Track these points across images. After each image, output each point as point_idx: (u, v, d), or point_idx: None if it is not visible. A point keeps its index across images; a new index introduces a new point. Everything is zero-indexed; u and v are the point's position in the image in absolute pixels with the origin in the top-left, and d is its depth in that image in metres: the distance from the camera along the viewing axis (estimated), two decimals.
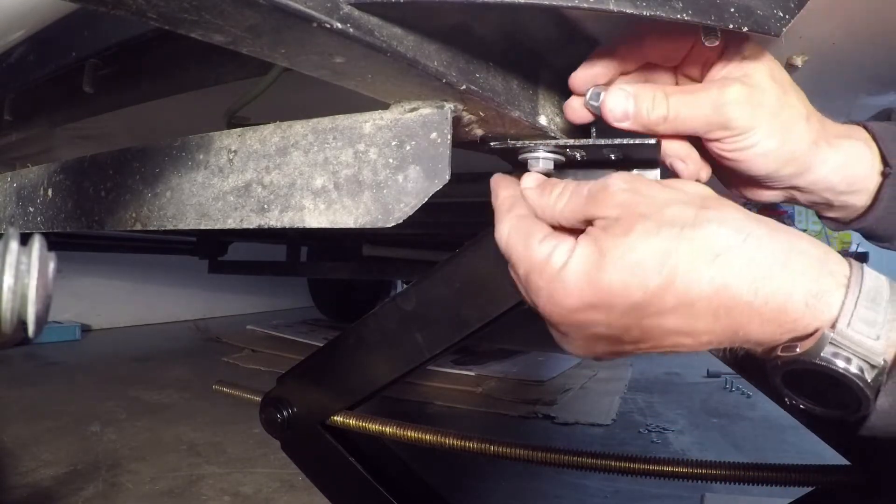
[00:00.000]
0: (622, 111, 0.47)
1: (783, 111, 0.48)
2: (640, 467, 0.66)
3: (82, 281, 3.26)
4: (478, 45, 0.44)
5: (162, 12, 0.30)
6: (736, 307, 0.38)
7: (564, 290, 0.41)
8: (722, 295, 0.38)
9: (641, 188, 0.42)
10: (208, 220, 0.49)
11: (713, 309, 0.39)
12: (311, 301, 3.97)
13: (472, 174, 1.36)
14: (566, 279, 0.41)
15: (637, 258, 0.39)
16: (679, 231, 0.39)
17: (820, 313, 0.38)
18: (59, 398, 2.08)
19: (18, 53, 0.72)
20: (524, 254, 0.44)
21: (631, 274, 0.39)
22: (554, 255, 0.42)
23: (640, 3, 0.36)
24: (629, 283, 0.39)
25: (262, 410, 0.80)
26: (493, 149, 0.51)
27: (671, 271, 0.38)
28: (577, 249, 0.41)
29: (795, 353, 0.38)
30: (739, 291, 0.38)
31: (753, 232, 0.39)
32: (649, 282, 0.39)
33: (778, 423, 2.02)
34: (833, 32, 0.60)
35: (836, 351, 0.37)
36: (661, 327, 0.40)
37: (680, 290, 0.39)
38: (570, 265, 0.41)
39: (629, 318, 0.40)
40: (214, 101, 0.75)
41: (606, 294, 0.40)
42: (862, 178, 0.52)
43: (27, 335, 0.30)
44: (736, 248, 0.38)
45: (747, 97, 0.46)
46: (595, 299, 0.40)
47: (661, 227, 0.39)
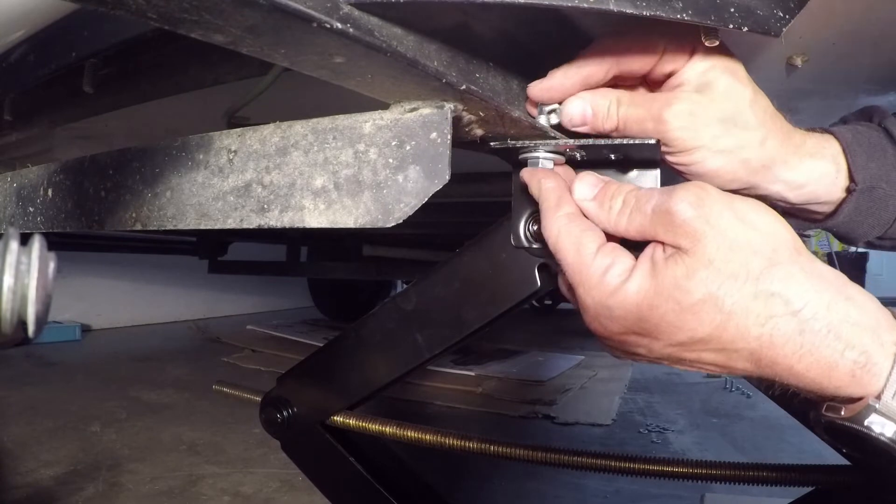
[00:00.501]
0: (580, 116, 0.48)
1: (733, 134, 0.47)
2: (640, 467, 0.66)
3: (82, 281, 3.26)
4: (478, 45, 0.44)
5: (162, 12, 0.30)
6: (778, 365, 0.39)
7: (611, 316, 0.42)
8: (767, 352, 0.39)
9: (713, 218, 0.40)
10: (208, 220, 0.49)
11: (755, 359, 0.40)
12: (311, 301, 3.97)
13: (472, 174, 1.36)
14: (616, 305, 0.41)
15: (691, 304, 0.39)
16: (741, 286, 0.39)
17: (866, 384, 0.38)
18: (59, 398, 2.08)
19: (18, 53, 0.72)
20: (576, 263, 0.43)
21: (682, 320, 0.40)
22: (608, 275, 0.42)
23: (640, 3, 0.36)
24: (680, 327, 0.40)
25: (262, 410, 0.80)
26: (493, 149, 0.51)
27: (723, 323, 0.39)
28: (634, 276, 0.41)
29: (840, 415, 0.39)
30: (784, 354, 0.39)
31: (811, 302, 0.39)
32: (699, 330, 0.40)
33: (778, 423, 2.02)
34: (833, 32, 0.60)
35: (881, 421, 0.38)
36: (702, 360, 0.42)
37: (727, 339, 0.40)
38: (624, 291, 0.41)
39: (671, 350, 0.42)
40: (214, 101, 0.75)
41: (653, 329, 0.41)
42: (822, 195, 0.53)
43: (27, 335, 0.30)
44: (791, 315, 0.39)
45: (690, 115, 0.46)
46: (641, 331, 0.41)
47: (723, 280, 0.39)
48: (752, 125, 0.47)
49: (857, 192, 0.52)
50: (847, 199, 0.53)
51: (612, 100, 0.48)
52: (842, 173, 0.52)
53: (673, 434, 1.99)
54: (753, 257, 0.39)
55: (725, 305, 0.39)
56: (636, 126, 0.47)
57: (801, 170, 0.51)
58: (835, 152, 0.52)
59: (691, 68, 0.47)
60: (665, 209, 0.41)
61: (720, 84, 0.46)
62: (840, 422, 0.39)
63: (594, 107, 0.48)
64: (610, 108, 0.48)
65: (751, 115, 0.47)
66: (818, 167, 0.52)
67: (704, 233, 0.39)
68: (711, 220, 0.40)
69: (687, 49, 0.47)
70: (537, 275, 0.58)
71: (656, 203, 0.42)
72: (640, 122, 0.47)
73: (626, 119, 0.47)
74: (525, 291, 0.59)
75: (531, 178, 0.49)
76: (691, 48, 0.47)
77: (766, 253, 0.39)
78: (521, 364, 2.73)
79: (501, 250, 0.59)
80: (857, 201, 0.52)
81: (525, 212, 0.55)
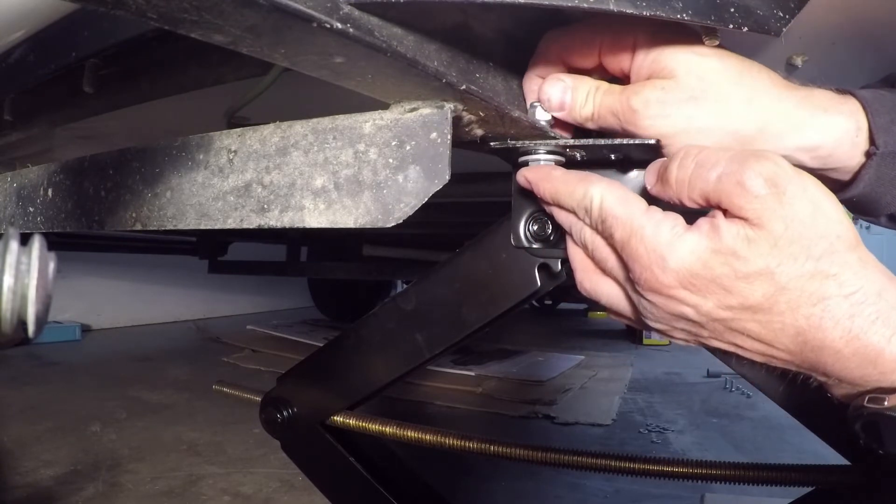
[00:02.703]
0: (559, 101, 0.48)
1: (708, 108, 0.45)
2: (640, 467, 0.66)
3: (82, 281, 3.26)
4: (478, 45, 0.44)
5: (162, 12, 0.30)
6: (824, 349, 0.39)
7: (664, 266, 0.41)
8: (814, 332, 0.39)
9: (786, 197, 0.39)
10: (208, 220, 0.49)
11: (801, 340, 0.40)
12: (311, 301, 3.98)
13: (472, 174, 1.36)
14: (673, 255, 0.40)
15: (747, 273, 0.39)
16: (801, 265, 0.39)
17: None
18: (59, 398, 2.08)
19: (18, 53, 0.72)
20: (626, 215, 0.42)
21: (736, 286, 0.39)
22: (663, 227, 0.41)
23: (640, 3, 0.36)
24: (734, 288, 0.40)
25: (262, 410, 0.80)
26: (493, 149, 0.51)
27: (775, 295, 0.39)
28: (692, 232, 0.41)
29: (883, 406, 0.39)
30: (832, 337, 0.39)
31: (864, 288, 0.39)
32: (752, 296, 0.39)
33: (778, 423, 2.02)
34: (833, 32, 0.60)
35: None
36: (746, 331, 0.41)
37: (775, 312, 0.40)
38: (684, 241, 0.40)
39: (718, 313, 0.41)
40: (214, 101, 0.75)
41: (705, 287, 0.40)
42: (842, 158, 0.49)
43: (27, 335, 0.30)
44: (844, 298, 0.39)
45: (658, 102, 0.45)
46: (693, 286, 0.41)
47: (783, 259, 0.39)
48: (727, 93, 0.45)
49: (878, 156, 0.47)
50: (867, 165, 0.48)
51: (591, 87, 0.48)
52: (862, 133, 0.48)
53: (673, 434, 1.99)
54: (817, 241, 0.39)
55: (781, 280, 0.39)
56: (609, 116, 0.47)
57: (812, 127, 0.47)
58: (853, 109, 0.48)
59: (641, 60, 0.46)
60: (736, 180, 0.39)
61: (678, 64, 0.45)
62: (887, 413, 0.39)
63: (574, 91, 0.48)
64: (588, 95, 0.48)
65: (724, 83, 0.45)
66: (834, 124, 0.47)
67: (774, 211, 0.39)
68: (784, 199, 0.39)
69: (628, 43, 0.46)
70: (537, 275, 0.58)
71: (724, 171, 0.40)
72: (612, 112, 0.47)
73: (600, 107, 0.47)
74: (525, 291, 0.59)
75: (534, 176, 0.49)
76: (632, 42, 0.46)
77: (829, 239, 0.39)
78: (521, 364, 2.73)
79: (501, 250, 0.59)
80: (878, 167, 0.48)
81: (525, 212, 0.55)
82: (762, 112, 0.45)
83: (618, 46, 0.47)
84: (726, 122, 0.45)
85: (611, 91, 0.47)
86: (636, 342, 3.77)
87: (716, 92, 0.45)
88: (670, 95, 0.45)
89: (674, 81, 0.45)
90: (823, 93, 0.48)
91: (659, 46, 0.45)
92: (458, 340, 0.65)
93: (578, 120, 0.49)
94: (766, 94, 0.46)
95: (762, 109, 0.45)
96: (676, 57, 0.45)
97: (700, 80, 0.45)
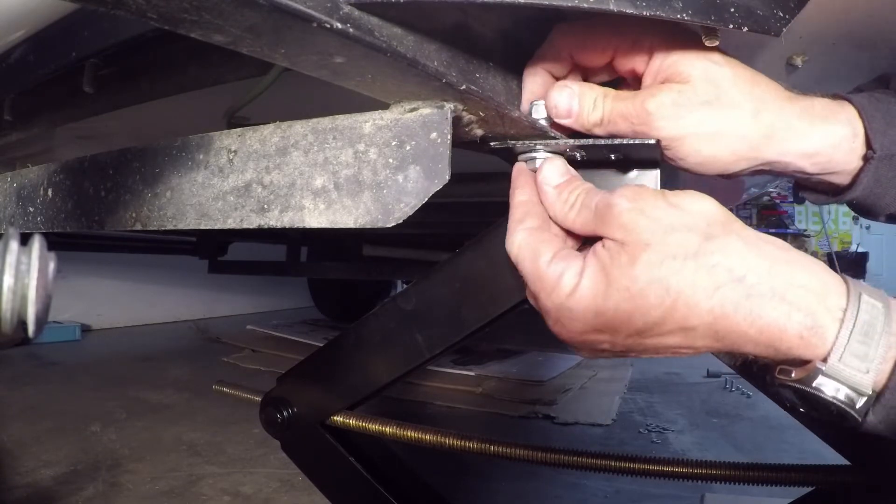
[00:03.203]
0: (566, 109, 0.49)
1: (719, 114, 0.47)
2: (640, 467, 0.66)
3: (82, 281, 3.26)
4: (478, 45, 0.44)
5: (162, 12, 0.30)
6: (733, 333, 0.40)
7: (571, 317, 0.43)
8: (721, 322, 0.40)
9: (646, 208, 0.42)
10: (208, 220, 0.49)
11: (713, 332, 0.41)
12: (311, 301, 3.97)
13: (472, 174, 1.36)
14: (573, 307, 0.43)
15: (640, 289, 0.40)
16: (682, 263, 0.40)
17: (814, 347, 0.40)
18: (59, 398, 2.08)
19: (18, 53, 0.72)
20: (533, 272, 0.45)
21: (634, 306, 0.41)
22: (562, 281, 0.43)
23: (640, 3, 0.36)
24: (633, 313, 0.41)
25: (262, 410, 0.80)
26: (493, 149, 0.51)
27: (672, 302, 0.40)
28: (585, 274, 0.43)
29: (790, 377, 0.41)
30: (736, 320, 0.40)
31: (754, 266, 0.40)
32: (652, 313, 0.41)
33: (778, 423, 2.02)
34: (833, 32, 0.60)
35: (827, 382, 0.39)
36: (664, 344, 0.43)
37: (679, 318, 0.41)
38: (578, 293, 0.42)
39: (632, 340, 0.43)
40: (214, 101, 0.75)
41: (611, 323, 0.42)
42: (841, 162, 0.50)
43: (27, 335, 0.30)
44: (736, 281, 0.40)
45: (673, 105, 0.46)
46: (601, 326, 0.42)
47: (664, 259, 0.40)
48: (738, 101, 0.47)
49: (875, 159, 0.49)
50: (865, 168, 0.50)
51: (598, 94, 0.48)
52: (859, 138, 0.49)
53: (673, 434, 1.99)
54: (689, 235, 0.41)
55: (672, 285, 0.40)
56: (622, 121, 0.47)
57: (812, 136, 0.49)
58: (850, 116, 0.50)
59: (658, 63, 0.47)
60: (606, 204, 0.43)
61: (695, 70, 0.46)
62: (790, 384, 0.41)
63: (581, 99, 0.48)
64: (596, 101, 0.48)
65: (735, 92, 0.47)
66: (832, 131, 0.49)
67: (638, 222, 0.41)
68: (646, 209, 0.42)
69: (644, 46, 0.47)
70: None
71: (600, 199, 0.44)
72: (624, 116, 0.47)
73: (611, 113, 0.48)
74: (525, 292, 0.59)
75: (513, 180, 0.50)
76: (648, 45, 0.47)
77: (700, 229, 0.41)
78: (521, 364, 2.73)
79: (501, 250, 0.59)
80: (876, 170, 0.50)
81: None
82: (768, 121, 0.47)
83: (634, 49, 0.48)
84: (736, 128, 0.47)
85: (621, 97, 0.48)
86: None
87: (728, 99, 0.46)
88: (685, 99, 0.46)
89: (689, 86, 0.46)
90: (822, 102, 0.50)
91: (676, 51, 0.47)
92: (458, 340, 0.65)
93: (586, 126, 0.49)
94: (772, 104, 0.48)
95: (768, 118, 0.47)
96: (693, 63, 0.46)
97: (715, 86, 0.46)
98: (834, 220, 6.86)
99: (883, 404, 0.39)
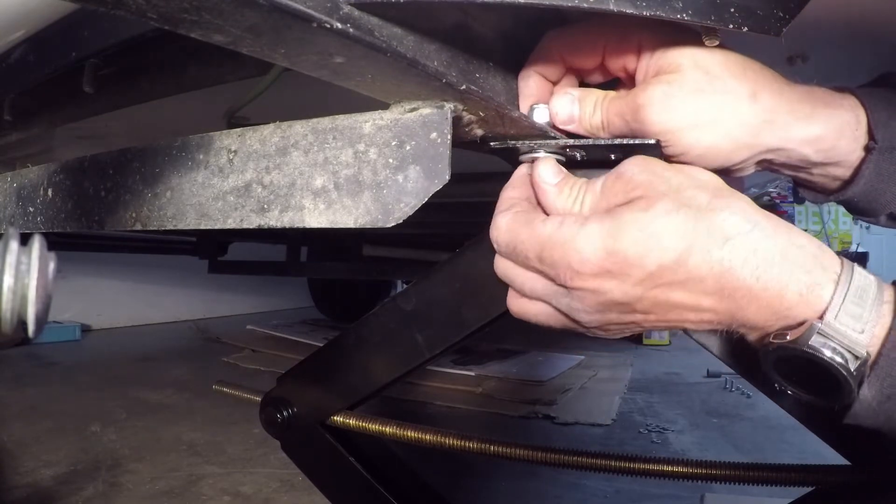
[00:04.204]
0: (568, 115, 0.49)
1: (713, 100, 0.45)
2: (640, 467, 0.66)
3: (82, 281, 3.26)
4: (478, 45, 0.44)
5: (162, 12, 0.30)
6: (739, 289, 0.41)
7: (581, 258, 0.42)
8: (728, 276, 0.41)
9: (657, 169, 0.43)
10: (208, 220, 0.49)
11: (719, 288, 0.41)
12: (311, 301, 3.97)
13: (472, 174, 1.36)
14: (582, 247, 0.42)
15: (656, 231, 0.41)
16: (696, 213, 0.41)
17: (812, 305, 0.41)
18: (59, 398, 2.08)
19: (18, 53, 0.72)
20: (530, 235, 0.44)
21: (648, 246, 0.41)
22: (564, 226, 0.43)
23: (640, 3, 0.36)
24: (646, 254, 0.41)
25: (262, 410, 0.80)
26: (493, 149, 0.51)
27: (687, 248, 0.40)
28: (592, 217, 0.43)
29: (786, 340, 0.41)
30: (743, 275, 0.40)
31: (760, 223, 0.41)
32: (666, 255, 0.41)
33: (778, 423, 2.02)
34: (833, 32, 0.60)
35: (823, 341, 0.40)
36: (670, 300, 0.42)
37: (692, 266, 0.41)
38: (585, 232, 0.42)
39: (642, 287, 0.42)
40: (214, 101, 0.75)
41: (622, 261, 0.41)
42: (842, 152, 0.50)
43: (27, 335, 0.30)
44: (744, 235, 0.41)
45: (665, 96, 0.45)
46: (612, 266, 0.42)
47: (680, 207, 0.41)
48: (731, 85, 0.46)
49: (877, 150, 0.49)
50: (867, 160, 0.49)
51: (598, 97, 0.49)
52: (862, 127, 0.49)
53: (673, 434, 1.99)
54: (700, 191, 0.42)
55: (687, 230, 0.40)
56: (618, 119, 0.47)
57: (816, 119, 0.48)
58: (852, 103, 0.49)
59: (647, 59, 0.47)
60: (614, 177, 0.44)
61: (684, 59, 0.46)
62: (790, 346, 0.41)
63: (581, 103, 0.49)
64: (596, 104, 0.48)
65: (727, 76, 0.46)
66: (836, 116, 0.48)
67: (655, 181, 0.43)
68: (657, 172, 0.43)
69: (633, 44, 0.47)
70: None
71: (605, 178, 0.45)
72: (621, 114, 0.47)
73: (608, 112, 0.48)
74: None
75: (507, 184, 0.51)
76: (637, 42, 0.47)
77: (709, 189, 0.43)
78: (521, 364, 2.73)
79: None
80: (877, 163, 0.49)
81: None
82: (767, 105, 0.46)
83: (623, 47, 0.48)
84: (733, 114, 0.46)
85: (618, 96, 0.48)
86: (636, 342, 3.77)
87: (721, 85, 0.45)
88: (676, 88, 0.45)
89: (679, 75, 0.45)
90: (823, 89, 0.49)
91: (664, 44, 0.46)
92: (458, 340, 0.65)
93: (589, 130, 0.49)
94: (769, 88, 0.46)
95: (767, 103, 0.46)
96: (682, 52, 0.46)
97: (706, 73, 0.45)
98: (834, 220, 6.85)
99: (877, 374, 0.40)
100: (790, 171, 0.53)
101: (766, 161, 0.51)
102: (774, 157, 0.50)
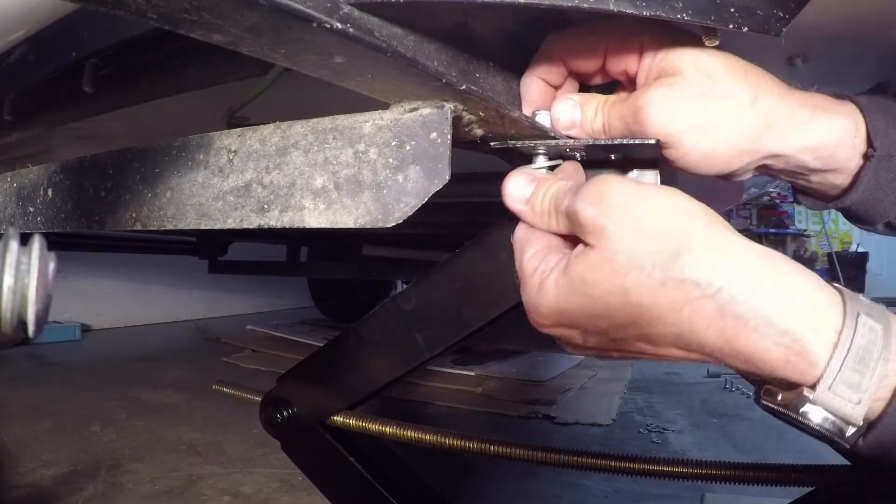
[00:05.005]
0: (569, 120, 0.49)
1: (714, 104, 0.45)
2: (640, 467, 0.66)
3: (82, 281, 3.26)
4: (478, 45, 0.44)
5: (162, 12, 0.30)
6: (707, 348, 0.38)
7: (539, 312, 0.44)
8: (691, 337, 0.38)
9: (613, 211, 0.39)
10: (208, 220, 0.49)
11: (683, 344, 0.39)
12: (311, 301, 3.97)
13: (472, 174, 1.36)
14: (539, 304, 0.43)
15: (601, 295, 0.39)
16: (648, 275, 0.38)
17: (802, 371, 0.37)
18: (59, 398, 2.08)
19: (18, 53, 0.72)
20: (518, 264, 0.46)
21: (596, 310, 0.40)
22: (535, 274, 0.44)
23: (640, 3, 0.36)
24: (597, 317, 0.41)
25: (262, 410, 0.80)
26: (493, 149, 0.51)
27: (635, 313, 0.39)
28: (552, 274, 0.43)
29: (776, 401, 0.39)
30: (708, 338, 0.38)
31: (729, 283, 0.37)
32: (615, 318, 0.40)
33: (777, 423, 2.00)
34: (833, 32, 0.60)
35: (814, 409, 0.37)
36: (632, 348, 0.42)
37: (644, 325, 0.39)
38: (546, 287, 0.43)
39: (600, 339, 0.42)
40: (214, 101, 0.75)
41: (577, 321, 0.42)
42: (841, 159, 0.49)
43: (27, 335, 0.30)
44: (706, 299, 0.37)
45: (666, 99, 0.45)
46: (568, 322, 0.42)
47: (630, 270, 0.38)
48: (732, 89, 0.45)
49: (875, 158, 0.48)
50: (865, 167, 0.48)
51: (599, 101, 0.49)
52: (861, 135, 0.48)
53: (673, 434, 1.99)
54: (661, 243, 0.38)
55: (632, 297, 0.38)
56: (619, 122, 0.47)
57: (815, 126, 0.47)
58: (851, 110, 0.48)
59: (649, 61, 0.47)
60: (572, 210, 0.42)
61: (686, 62, 0.45)
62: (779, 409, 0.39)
63: (582, 108, 0.49)
64: (597, 109, 0.48)
65: (729, 80, 0.45)
66: (835, 123, 0.48)
67: (605, 227, 0.39)
68: (612, 214, 0.39)
69: (634, 46, 0.47)
70: None
71: (567, 203, 0.43)
72: (622, 117, 0.47)
73: (609, 116, 0.48)
74: None
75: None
76: (638, 44, 0.47)
77: (675, 237, 0.38)
78: (521, 364, 2.73)
79: (501, 250, 0.59)
80: (875, 170, 0.48)
81: None
82: (768, 109, 0.46)
83: (624, 49, 0.48)
84: (734, 118, 0.46)
85: (619, 99, 0.48)
86: None
87: (723, 89, 0.45)
88: (677, 91, 0.45)
89: (681, 78, 0.45)
90: (822, 95, 0.49)
91: (665, 46, 0.46)
92: (458, 340, 0.65)
93: (592, 134, 0.49)
94: (769, 92, 0.46)
95: (767, 106, 0.46)
96: (683, 55, 0.46)
97: (707, 76, 0.45)
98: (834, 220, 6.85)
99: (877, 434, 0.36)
100: (788, 178, 0.53)
101: (764, 166, 0.51)
102: (773, 163, 0.50)
